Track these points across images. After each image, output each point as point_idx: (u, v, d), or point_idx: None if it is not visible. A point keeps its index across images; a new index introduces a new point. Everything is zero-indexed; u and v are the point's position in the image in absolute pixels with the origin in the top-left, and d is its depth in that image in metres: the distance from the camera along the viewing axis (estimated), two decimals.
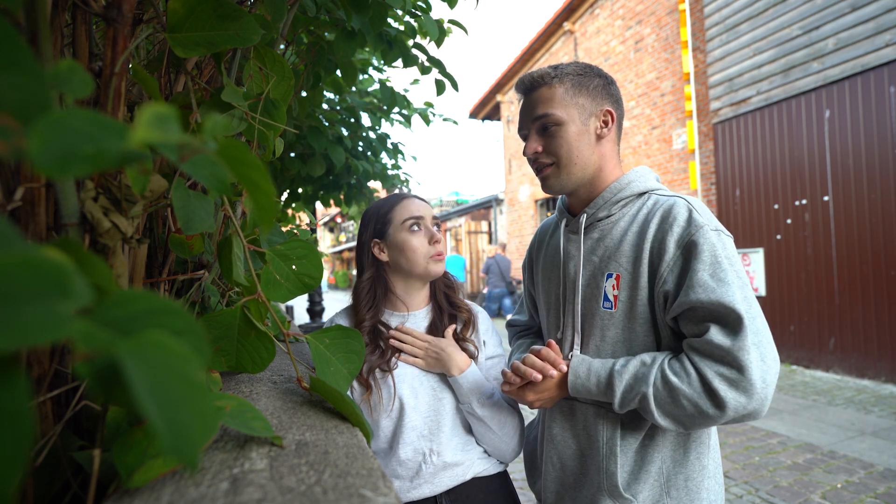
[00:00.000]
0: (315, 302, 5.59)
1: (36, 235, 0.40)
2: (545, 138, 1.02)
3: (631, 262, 0.97)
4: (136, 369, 0.19)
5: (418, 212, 1.17)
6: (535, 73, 1.04)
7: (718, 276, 0.86)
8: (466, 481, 1.14)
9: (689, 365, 0.86)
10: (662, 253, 0.92)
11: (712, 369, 0.83)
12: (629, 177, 1.04)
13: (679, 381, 0.86)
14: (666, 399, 0.87)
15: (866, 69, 5.08)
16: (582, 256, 1.05)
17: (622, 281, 0.97)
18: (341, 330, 0.63)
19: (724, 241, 0.90)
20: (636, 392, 0.90)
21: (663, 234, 0.92)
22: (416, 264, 1.15)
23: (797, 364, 5.86)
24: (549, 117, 1.00)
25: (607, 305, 0.99)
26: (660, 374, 0.88)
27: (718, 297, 0.84)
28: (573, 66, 1.04)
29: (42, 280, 0.17)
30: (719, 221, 0.95)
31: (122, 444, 0.37)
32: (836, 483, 3.01)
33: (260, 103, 0.69)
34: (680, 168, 7.46)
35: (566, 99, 1.01)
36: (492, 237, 13.73)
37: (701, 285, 0.86)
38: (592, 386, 0.95)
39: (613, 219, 1.03)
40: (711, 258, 0.87)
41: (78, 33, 0.48)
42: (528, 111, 1.04)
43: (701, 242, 0.88)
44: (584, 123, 1.01)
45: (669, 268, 0.91)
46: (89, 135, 0.20)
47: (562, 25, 10.10)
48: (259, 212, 0.28)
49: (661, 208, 0.96)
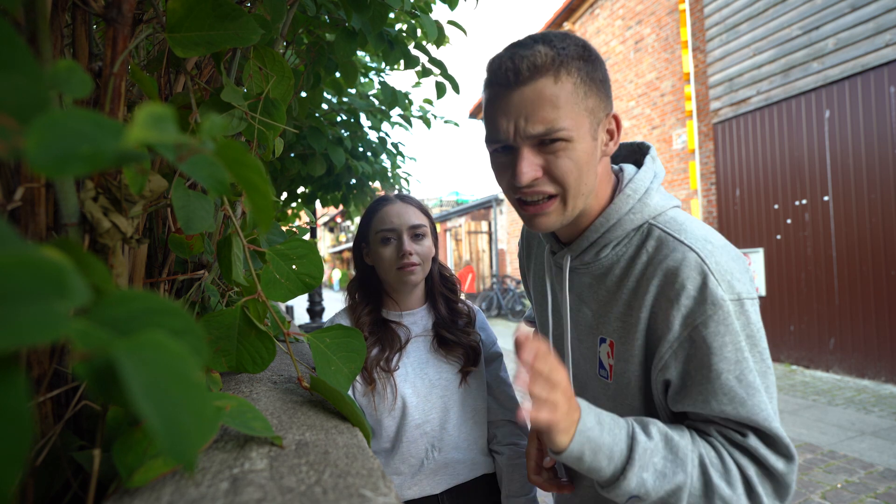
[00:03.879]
0: (315, 302, 5.59)
1: (36, 235, 0.40)
2: (547, 156, 0.71)
3: (624, 328, 0.76)
4: (133, 369, 0.19)
5: (391, 224, 1.16)
6: (531, 53, 0.68)
7: (746, 379, 0.66)
8: (468, 480, 1.15)
9: (730, 462, 0.68)
10: (665, 330, 0.70)
11: (758, 474, 0.68)
12: (620, 206, 0.77)
13: (719, 478, 0.67)
14: (699, 494, 0.68)
15: (866, 69, 5.07)
16: (569, 310, 0.84)
17: (616, 349, 0.78)
18: (342, 329, 0.63)
19: (748, 314, 0.68)
20: (668, 480, 0.67)
21: (668, 304, 0.70)
22: (387, 274, 1.17)
23: (797, 364, 5.86)
24: (560, 132, 0.69)
25: (603, 374, 0.80)
26: (698, 461, 0.68)
27: (749, 414, 0.66)
28: (573, 45, 0.71)
29: (39, 279, 0.17)
30: (746, 269, 0.72)
31: (122, 444, 0.37)
32: (836, 483, 3.01)
33: (260, 103, 0.69)
34: (680, 168, 7.46)
35: (575, 101, 0.70)
36: (492, 237, 13.74)
37: (726, 394, 0.66)
38: (605, 447, 0.68)
39: (604, 262, 0.79)
40: (735, 353, 0.67)
41: (78, 33, 0.48)
42: (520, 114, 0.69)
43: (720, 332, 0.66)
44: (594, 137, 0.73)
45: (673, 351, 0.70)
46: (87, 134, 0.20)
47: (562, 25, 10.10)
48: (256, 213, 0.28)
49: (666, 267, 0.71)
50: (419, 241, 1.18)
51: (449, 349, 1.18)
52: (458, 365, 1.17)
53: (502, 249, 13.18)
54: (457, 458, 1.13)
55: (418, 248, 1.16)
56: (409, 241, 1.16)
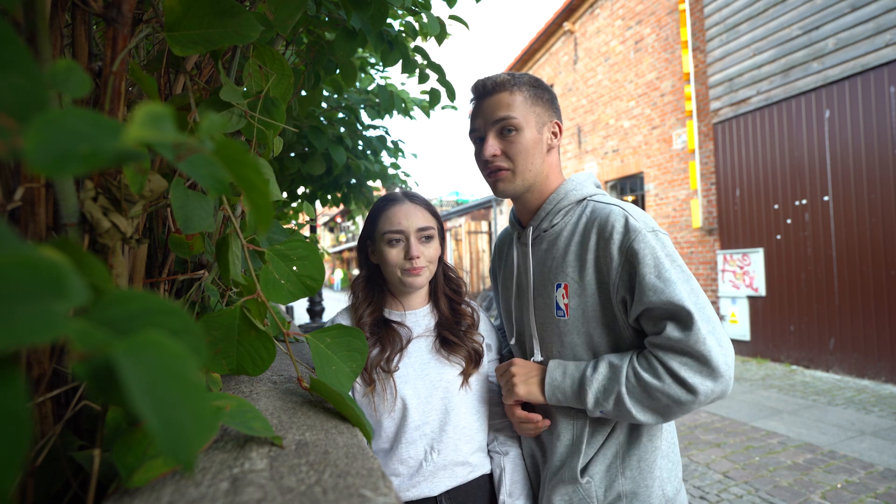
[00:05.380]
0: (315, 302, 5.59)
1: (36, 235, 0.40)
2: (504, 142, 1.05)
3: (577, 271, 1.02)
4: (131, 369, 0.19)
5: (398, 226, 1.14)
6: (494, 77, 1.08)
7: (663, 276, 0.92)
8: (467, 482, 1.14)
9: (655, 361, 0.93)
10: (609, 261, 0.97)
11: (677, 360, 0.90)
12: (567, 186, 1.09)
13: (650, 376, 0.92)
14: (641, 395, 0.93)
15: (866, 69, 5.07)
16: (531, 269, 1.11)
17: (570, 289, 1.03)
18: (343, 329, 0.63)
19: (662, 239, 0.96)
20: (610, 392, 0.96)
21: (605, 243, 0.98)
22: (392, 275, 1.16)
23: (797, 364, 5.86)
24: (511, 121, 1.03)
25: (560, 314, 1.05)
26: (631, 371, 0.95)
27: (668, 297, 0.90)
28: (527, 77, 1.09)
29: (38, 279, 0.17)
30: (656, 222, 1.01)
31: (122, 444, 0.37)
32: (836, 483, 3.01)
33: (259, 102, 0.69)
34: (680, 168, 7.46)
35: (525, 106, 1.05)
36: (492, 237, 13.73)
37: (650, 288, 0.92)
38: (567, 388, 1.02)
39: (556, 229, 1.09)
40: (653, 260, 0.93)
41: (77, 33, 0.48)
42: (487, 113, 1.06)
43: (641, 247, 0.94)
44: (539, 132, 1.07)
45: (618, 275, 0.96)
46: (85, 134, 0.20)
47: (562, 25, 10.10)
48: (255, 212, 0.28)
49: (599, 217, 1.00)
50: (427, 243, 1.16)
51: (451, 350, 1.17)
52: (459, 367, 1.16)
53: None
54: (456, 460, 1.13)
55: (426, 250, 1.15)
56: (416, 244, 1.14)
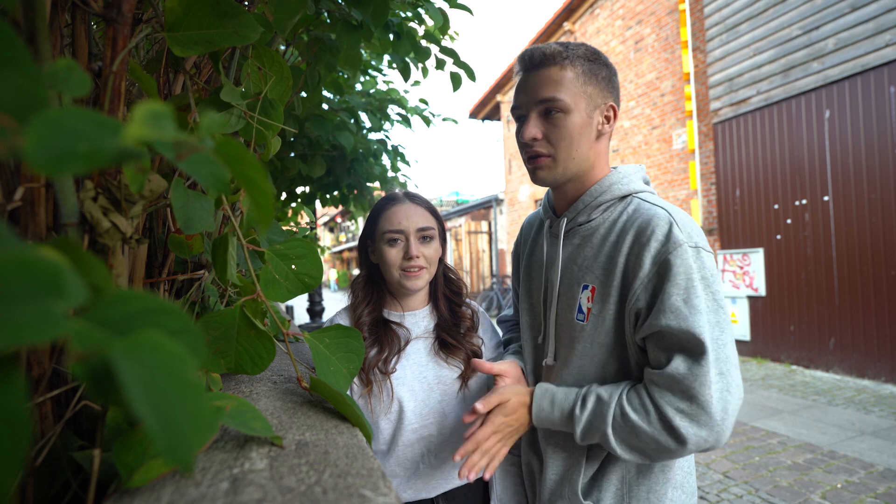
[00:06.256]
0: (315, 302, 5.58)
1: (36, 235, 0.40)
2: (547, 124, 0.93)
3: (606, 274, 0.92)
4: (129, 369, 0.19)
5: (398, 226, 1.13)
6: (545, 48, 0.93)
7: (691, 301, 0.82)
8: (463, 485, 1.14)
9: (647, 401, 0.84)
10: (637, 268, 0.86)
11: (672, 405, 0.81)
12: (612, 178, 0.97)
13: (639, 417, 0.84)
14: (627, 435, 0.85)
15: (866, 69, 5.07)
16: (561, 264, 1.00)
17: (596, 293, 0.93)
18: (341, 329, 0.63)
19: (703, 259, 0.85)
20: (596, 430, 0.88)
21: (640, 248, 0.87)
22: (391, 276, 1.16)
23: (797, 364, 5.86)
24: (558, 102, 0.91)
25: (580, 317, 0.95)
26: (619, 410, 0.86)
27: (688, 327, 0.80)
28: (584, 50, 0.94)
29: (36, 279, 0.17)
30: (704, 235, 0.90)
31: (122, 444, 0.37)
32: (836, 483, 3.01)
33: (258, 103, 0.69)
34: (680, 168, 7.46)
35: (576, 85, 0.92)
36: (492, 237, 13.74)
37: (672, 311, 0.82)
38: (556, 420, 0.94)
39: (594, 224, 0.97)
40: (686, 281, 0.83)
41: (77, 33, 0.48)
42: (532, 90, 0.93)
43: (677, 263, 0.83)
44: (590, 115, 0.93)
45: (643, 285, 0.86)
46: (84, 133, 0.20)
47: (562, 25, 10.10)
48: (257, 210, 0.28)
49: (640, 218, 0.89)
50: (427, 243, 1.15)
51: (450, 352, 1.16)
52: (458, 370, 1.16)
53: (502, 249, 13.18)
54: (453, 463, 1.13)
55: (426, 250, 1.14)
56: (416, 244, 1.13)
